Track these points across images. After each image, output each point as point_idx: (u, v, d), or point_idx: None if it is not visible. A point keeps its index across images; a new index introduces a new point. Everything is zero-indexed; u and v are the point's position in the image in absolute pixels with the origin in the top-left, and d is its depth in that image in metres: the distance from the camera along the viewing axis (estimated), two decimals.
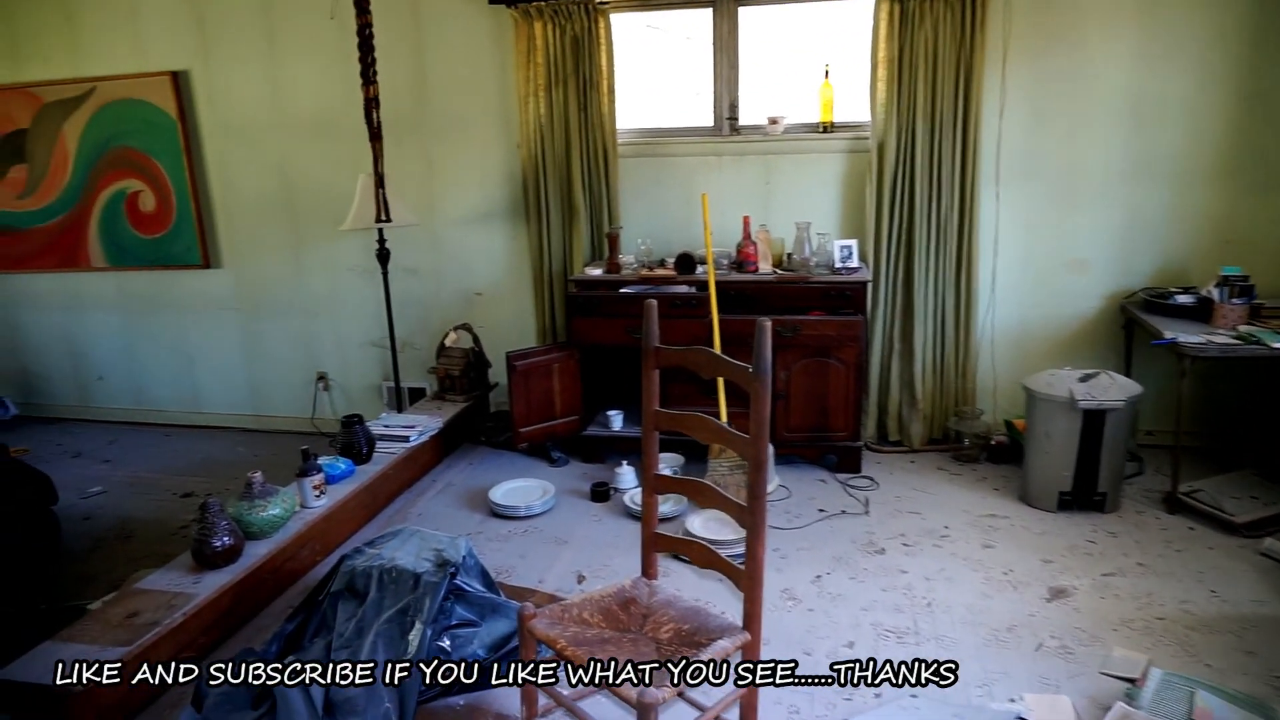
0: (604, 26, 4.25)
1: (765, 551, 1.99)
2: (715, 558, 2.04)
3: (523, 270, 4.75)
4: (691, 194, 4.39)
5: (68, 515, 4.17)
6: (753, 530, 1.90)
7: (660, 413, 2.13)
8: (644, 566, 2.23)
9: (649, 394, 2.14)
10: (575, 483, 4.07)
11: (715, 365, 1.99)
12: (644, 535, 2.21)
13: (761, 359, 1.83)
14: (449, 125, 4.68)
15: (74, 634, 2.52)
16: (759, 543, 1.91)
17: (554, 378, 4.20)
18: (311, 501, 3.33)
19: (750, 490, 1.89)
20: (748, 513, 1.91)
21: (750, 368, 1.86)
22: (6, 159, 5.35)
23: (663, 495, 2.78)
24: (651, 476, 2.18)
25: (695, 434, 2.05)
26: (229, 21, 4.80)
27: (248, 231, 5.13)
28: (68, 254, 5.42)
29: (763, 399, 1.84)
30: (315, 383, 5.27)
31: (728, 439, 1.96)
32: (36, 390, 5.86)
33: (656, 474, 2.19)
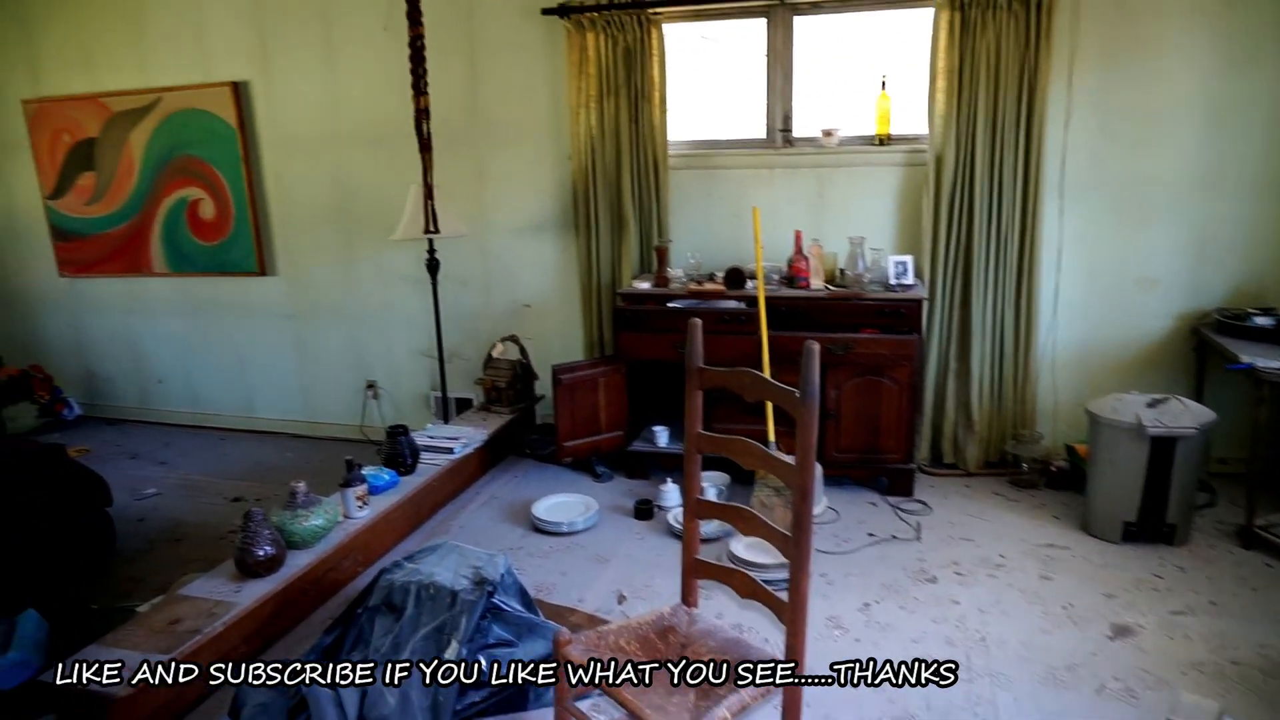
0: (656, 37, 4.21)
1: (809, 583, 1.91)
2: (757, 588, 1.97)
3: (571, 282, 4.73)
4: (742, 207, 4.32)
5: (122, 516, 4.25)
6: (796, 562, 1.82)
7: (703, 435, 2.07)
8: (684, 593, 2.17)
9: (692, 415, 2.08)
10: (619, 499, 4.01)
11: (760, 388, 1.91)
12: (684, 561, 2.15)
13: (809, 383, 1.75)
14: (501, 136, 4.68)
15: (119, 639, 2.54)
16: (803, 575, 1.83)
17: (599, 392, 4.16)
18: (354, 512, 3.33)
19: (795, 519, 1.82)
20: (791, 543, 1.83)
21: (797, 392, 1.78)
22: (77, 166, 5.52)
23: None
24: (693, 500, 2.12)
25: (739, 459, 1.98)
26: (288, 32, 4.88)
27: (302, 240, 5.21)
28: (132, 259, 5.56)
29: (809, 426, 1.76)
30: (365, 391, 5.31)
31: (772, 466, 1.89)
32: (100, 392, 6.02)
33: (698, 498, 2.12)
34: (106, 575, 3.74)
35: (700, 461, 2.13)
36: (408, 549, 3.53)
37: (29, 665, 2.93)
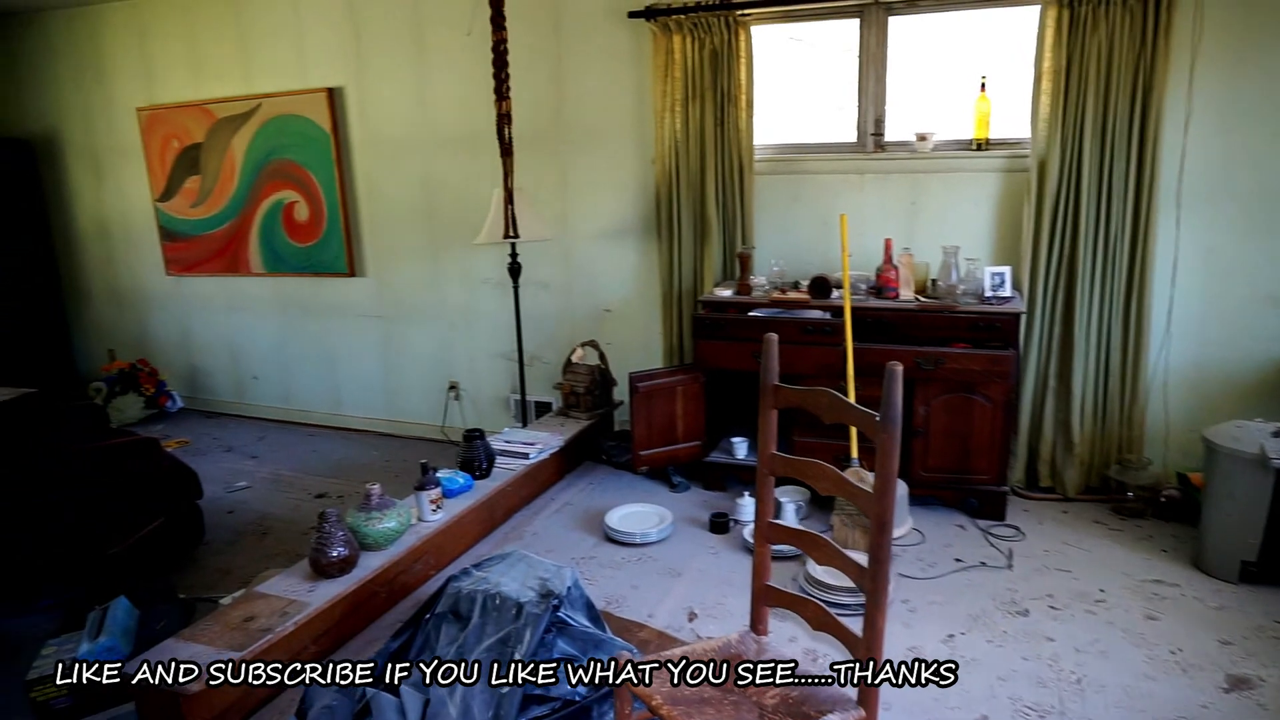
0: (744, 39, 4.11)
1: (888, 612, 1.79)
2: (830, 621, 1.85)
3: (652, 288, 4.66)
4: (830, 214, 4.18)
5: (214, 508, 4.39)
6: (873, 597, 1.71)
7: (777, 457, 1.96)
8: (753, 620, 2.07)
9: (766, 435, 1.98)
10: (694, 511, 3.92)
11: (838, 410, 1.80)
12: (754, 587, 2.05)
13: (890, 407, 1.63)
14: (585, 139, 4.66)
15: (195, 634, 2.59)
16: (879, 611, 1.71)
17: (677, 401, 4.08)
18: (428, 515, 3.34)
19: (872, 553, 1.70)
20: (868, 576, 1.71)
21: (878, 416, 1.66)
22: (184, 170, 5.76)
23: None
24: (765, 524, 2.01)
25: (814, 483, 1.87)
26: (382, 39, 4.97)
27: (390, 242, 5.30)
28: (231, 260, 5.77)
29: (890, 453, 1.64)
30: (447, 391, 5.37)
31: (850, 493, 1.77)
32: (201, 386, 6.28)
33: (771, 521, 2.02)
34: (196, 565, 3.86)
35: (773, 483, 2.03)
36: (480, 554, 3.52)
37: (117, 651, 3.03)
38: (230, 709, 2.47)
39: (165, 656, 2.47)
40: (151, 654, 2.50)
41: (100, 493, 3.59)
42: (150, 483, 3.75)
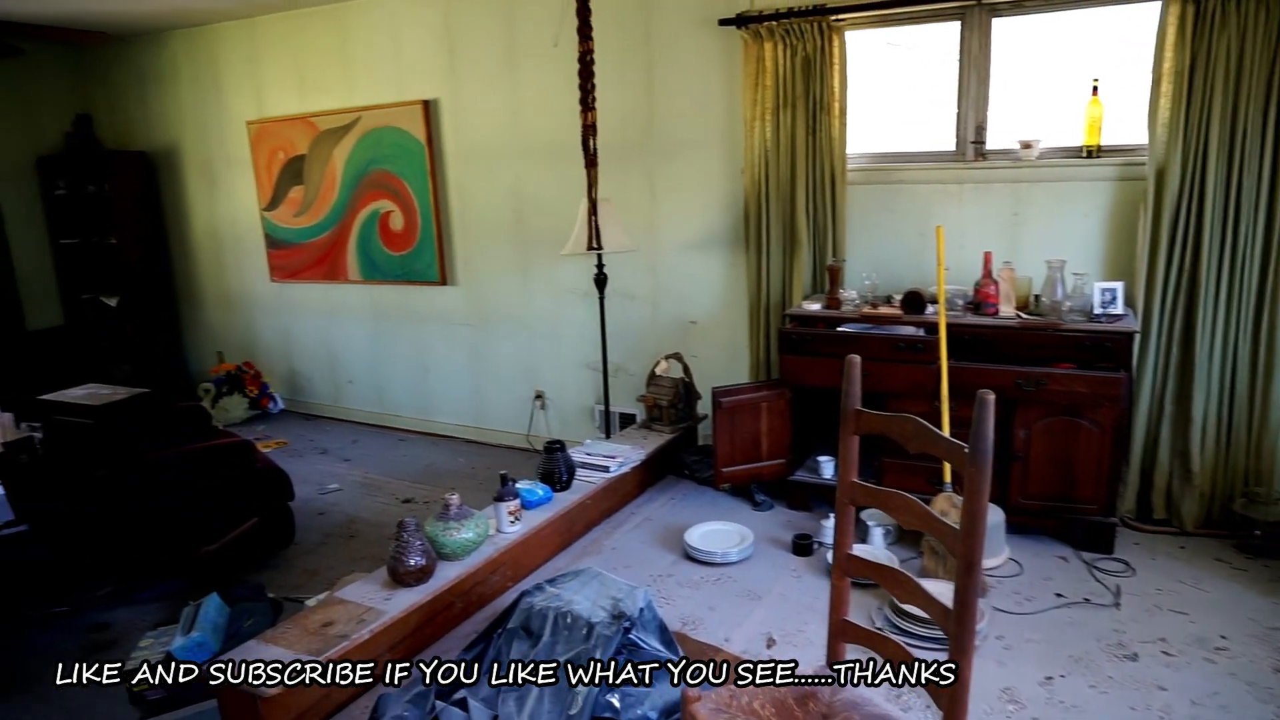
0: (838, 45, 3.99)
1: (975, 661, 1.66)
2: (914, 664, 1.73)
3: (739, 301, 4.57)
4: (926, 225, 4.00)
5: (305, 509, 4.52)
6: (957, 642, 1.58)
7: (858, 485, 1.86)
8: (830, 657, 1.96)
9: (846, 462, 1.87)
10: (777, 531, 3.81)
11: (924, 439, 1.69)
12: (831, 621, 1.94)
13: (981, 439, 1.51)
14: (673, 149, 4.61)
15: (276, 636, 2.64)
16: (965, 659, 1.58)
17: (762, 417, 3.97)
18: (506, 527, 3.33)
19: (959, 594, 1.58)
20: (953, 619, 1.59)
21: (967, 447, 1.54)
22: (289, 181, 5.98)
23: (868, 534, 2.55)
24: (843, 556, 1.91)
25: (896, 516, 1.76)
26: (476, 52, 5.05)
27: (480, 251, 5.37)
28: (331, 267, 5.95)
29: (979, 489, 1.52)
30: (533, 400, 5.39)
31: (936, 529, 1.65)
32: (300, 389, 6.50)
33: (850, 554, 1.91)
34: (285, 565, 3.98)
35: (853, 513, 1.92)
36: (557, 567, 3.50)
37: (207, 647, 3.13)
38: (306, 712, 2.50)
39: (246, 657, 2.52)
40: (234, 654, 2.56)
41: (199, 492, 3.73)
42: (245, 484, 3.88)
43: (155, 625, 3.44)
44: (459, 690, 2.50)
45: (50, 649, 3.37)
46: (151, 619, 3.53)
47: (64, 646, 3.38)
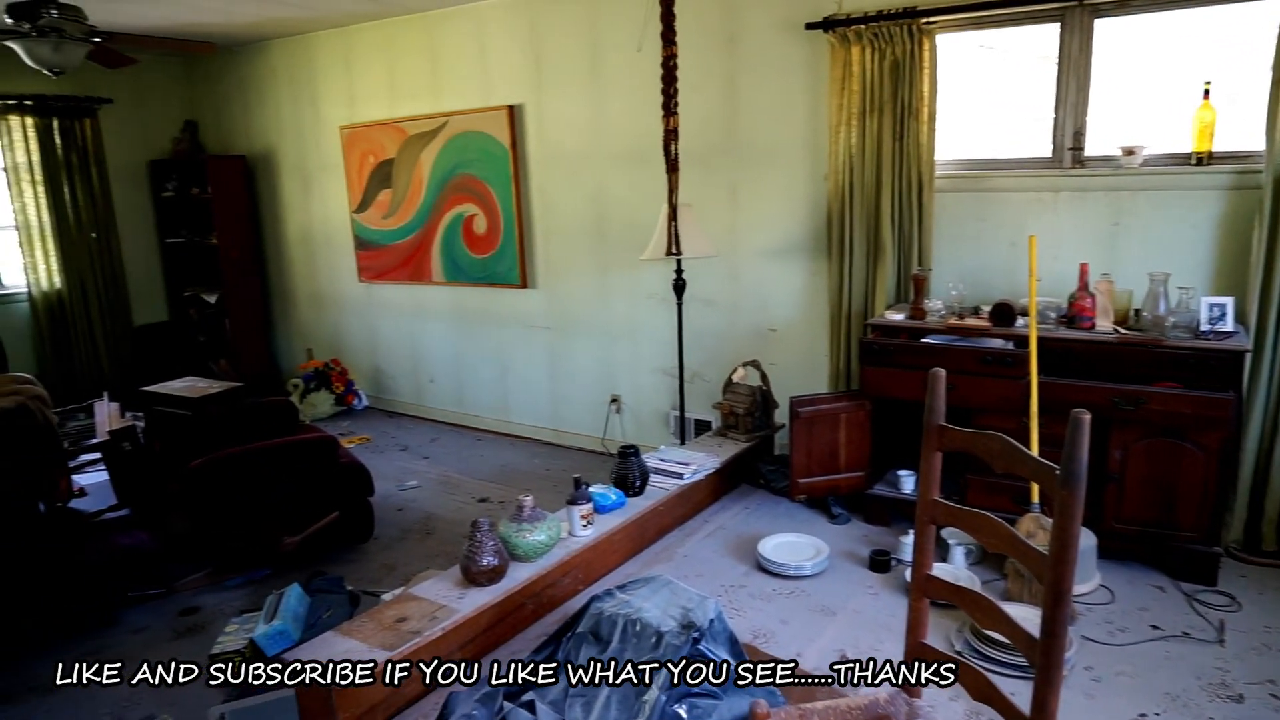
0: (928, 49, 3.88)
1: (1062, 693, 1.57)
2: (994, 693, 1.66)
3: (820, 309, 4.49)
4: (1018, 235, 3.86)
5: (385, 505, 4.63)
6: (1044, 674, 1.50)
7: (939, 504, 1.78)
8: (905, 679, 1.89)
9: (927, 480, 1.80)
10: (853, 545, 3.72)
11: (1012, 459, 1.61)
12: (908, 644, 1.87)
13: (1074, 462, 1.43)
14: (755, 155, 4.56)
15: (352, 629, 2.70)
16: (1052, 692, 1.50)
17: (841, 428, 3.88)
18: (578, 530, 3.34)
19: (1046, 625, 1.50)
20: (1040, 650, 1.51)
21: (1058, 469, 1.46)
22: (378, 184, 6.15)
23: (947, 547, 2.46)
24: (923, 577, 1.84)
25: (980, 538, 1.69)
26: (560, 57, 5.10)
27: (560, 255, 5.41)
28: (415, 269, 6.09)
29: (1071, 514, 1.44)
30: (609, 404, 5.40)
31: (1023, 554, 1.58)
32: (384, 387, 6.67)
33: (929, 575, 1.83)
34: (364, 559, 4.07)
35: (933, 532, 1.85)
36: (628, 573, 3.49)
37: (288, 636, 3.22)
38: (378, 706, 2.54)
39: (323, 649, 2.58)
40: (311, 646, 2.62)
41: (284, 485, 3.85)
42: (329, 478, 3.99)
43: (240, 611, 3.56)
44: (527, 692, 2.51)
45: (144, 630, 3.52)
46: (237, 605, 3.66)
47: (156, 628, 3.53)
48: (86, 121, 6.51)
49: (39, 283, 6.42)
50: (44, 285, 6.44)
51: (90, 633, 3.50)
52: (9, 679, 3.19)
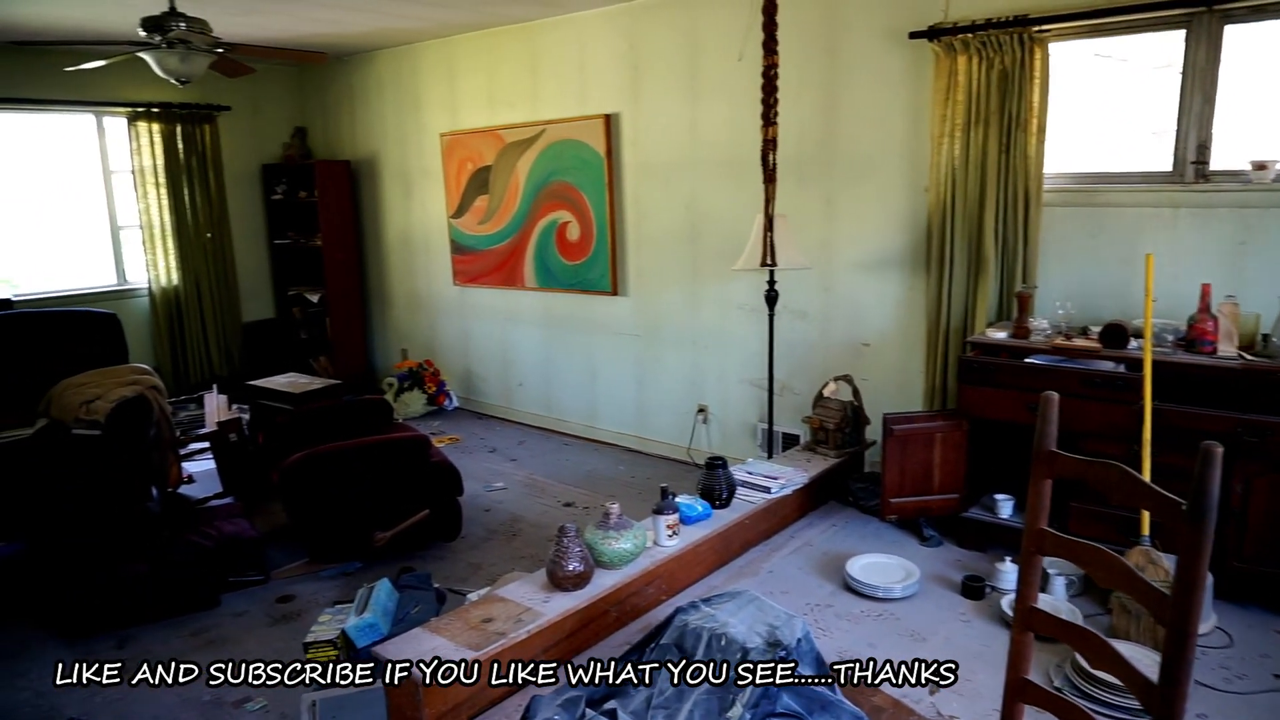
0: (1039, 58, 3.74)
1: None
2: None
3: (916, 325, 4.37)
4: (1133, 253, 3.67)
5: (473, 505, 4.71)
6: None
7: (1048, 534, 1.70)
8: (1005, 716, 1.80)
9: (1036, 508, 1.72)
10: (945, 569, 3.59)
11: (1132, 491, 1.52)
12: (1009, 680, 1.79)
13: (1205, 496, 1.35)
14: (852, 166, 4.48)
15: (439, 626, 2.75)
16: None
17: (935, 448, 3.76)
18: (664, 540, 3.32)
19: (1167, 669, 1.41)
20: (1158, 697, 1.42)
21: (1184, 504, 1.38)
22: (475, 190, 6.29)
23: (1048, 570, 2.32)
24: (1027, 609, 1.75)
25: (1094, 573, 1.60)
26: (658, 66, 5.12)
27: (651, 263, 5.42)
28: (509, 274, 6.20)
29: (1199, 552, 1.35)
30: (695, 414, 5.38)
31: (1139, 590, 1.49)
32: (475, 389, 6.80)
33: (1033, 607, 1.75)
34: (451, 557, 4.15)
35: (1040, 563, 1.77)
36: (712, 586, 3.45)
37: (377, 629, 3.31)
38: (463, 704, 2.58)
39: (412, 645, 2.63)
40: (400, 641, 2.68)
41: (378, 481, 3.96)
42: (420, 477, 4.08)
43: (334, 602, 3.67)
44: (610, 700, 2.51)
45: (244, 614, 3.67)
46: (330, 596, 3.78)
47: (254, 613, 3.67)
48: (206, 128, 6.87)
49: (158, 279, 6.78)
50: (163, 282, 6.80)
51: (195, 613, 3.66)
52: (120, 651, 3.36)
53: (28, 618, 3.67)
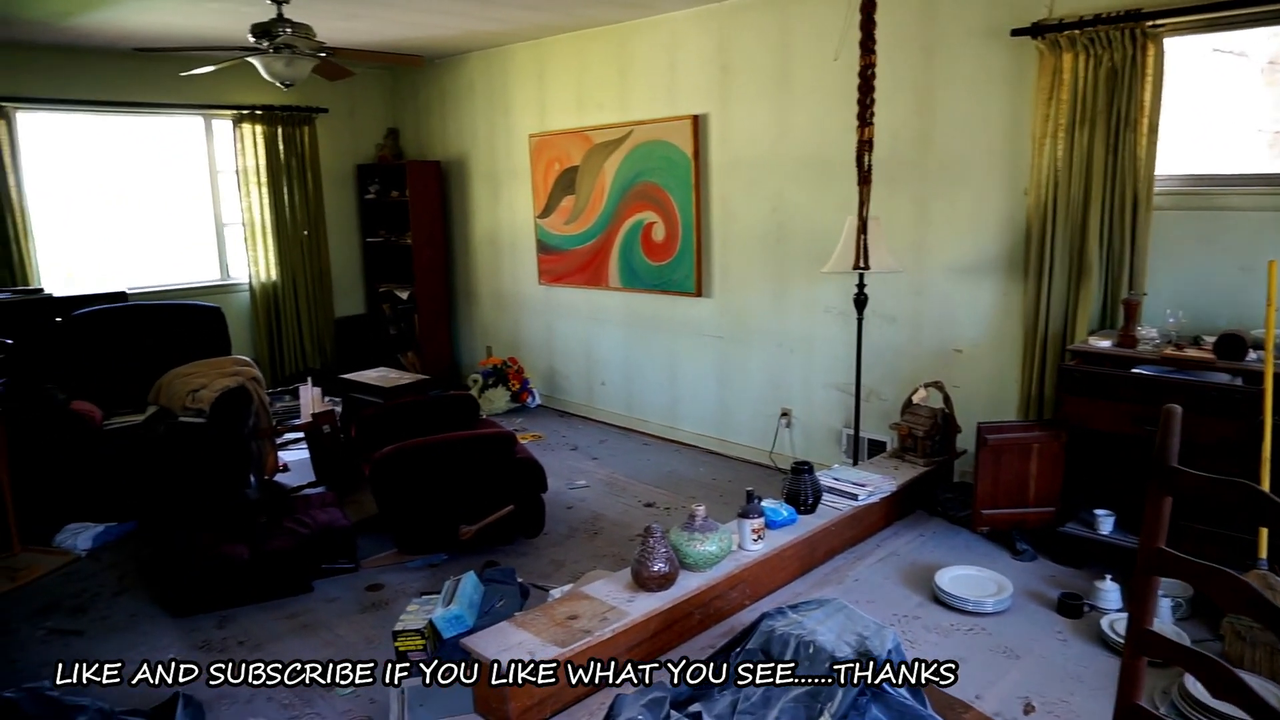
0: (1152, 54, 3.57)
1: None
2: None
3: (1011, 331, 4.23)
4: (1252, 259, 3.48)
5: (555, 502, 4.75)
6: None
7: (1167, 554, 1.62)
8: None
9: (1153, 526, 1.64)
10: (1039, 585, 3.47)
11: (1259, 510, 1.44)
12: (1119, 706, 1.71)
13: None
14: (947, 168, 4.36)
15: (525, 622, 2.79)
16: None
17: (1031, 459, 3.64)
18: (749, 544, 3.30)
19: None
20: None
21: None
22: (562, 190, 6.35)
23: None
24: (1142, 632, 1.67)
25: (1216, 595, 1.52)
26: (748, 67, 5.08)
27: (736, 264, 5.39)
28: (593, 274, 6.25)
29: None
30: (779, 418, 5.32)
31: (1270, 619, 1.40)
32: (558, 387, 6.88)
33: (1148, 630, 1.67)
34: (533, 553, 4.20)
35: (1156, 584, 1.68)
36: (796, 592, 3.41)
37: (463, 621, 3.37)
38: (547, 699, 2.61)
39: (499, 638, 2.68)
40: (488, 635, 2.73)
41: (465, 476, 4.04)
42: (505, 473, 4.14)
43: (421, 593, 3.75)
44: (694, 704, 2.50)
45: (335, 600, 3.78)
46: (418, 586, 3.87)
47: (345, 600, 3.78)
48: (305, 129, 7.12)
49: (258, 275, 7.06)
50: (262, 277, 7.08)
51: (290, 597, 3.79)
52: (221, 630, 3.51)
53: (141, 592, 3.87)
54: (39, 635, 3.52)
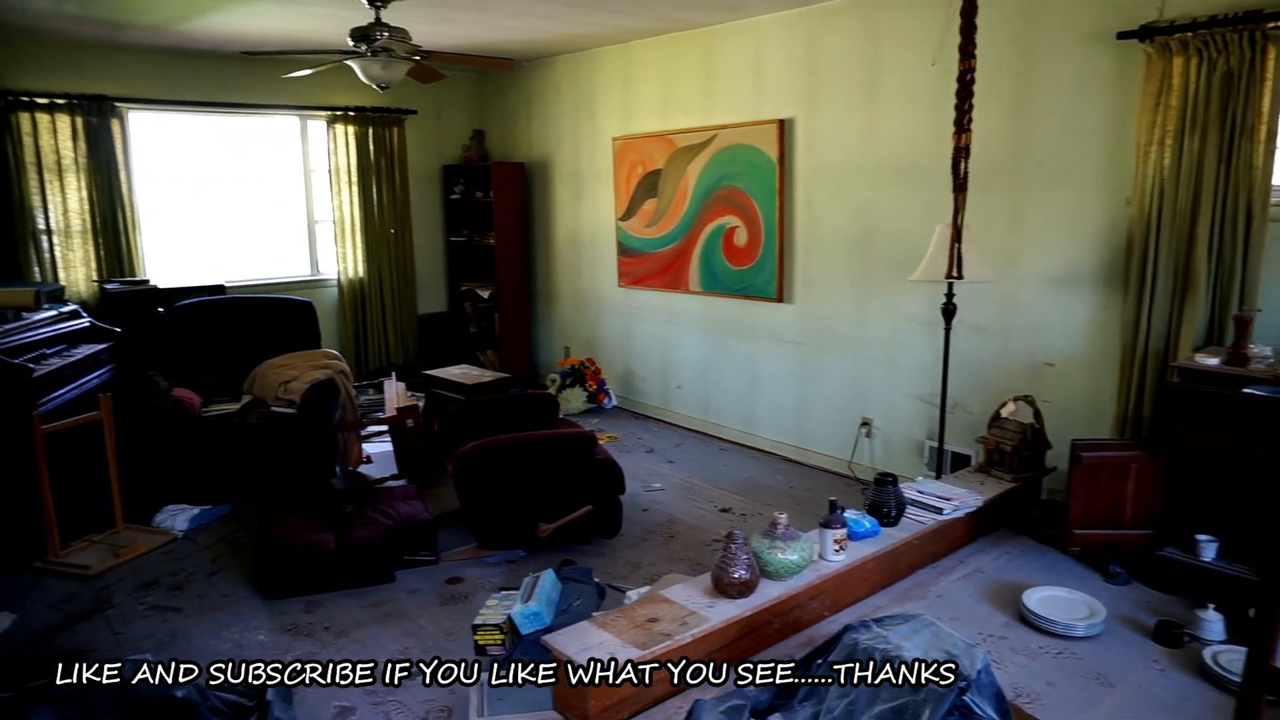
0: (1273, 57, 3.40)
1: None
2: None
3: (1108, 346, 4.08)
4: None
5: (631, 504, 4.77)
6: None
7: None
8: None
9: None
10: (1133, 611, 3.33)
11: None
12: None
13: None
14: (1042, 175, 4.23)
15: (605, 622, 2.80)
16: None
17: (1129, 480, 3.50)
18: (830, 555, 3.25)
19: None
20: None
21: None
22: (644, 193, 6.38)
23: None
24: (1266, 668, 1.59)
25: None
26: (837, 71, 5.02)
27: (820, 270, 5.32)
28: (673, 277, 6.25)
29: None
30: (859, 427, 5.24)
31: None
32: (633, 389, 6.90)
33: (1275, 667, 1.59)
34: (610, 553, 4.22)
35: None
36: (877, 606, 3.35)
37: (541, 619, 3.40)
38: (626, 700, 2.62)
39: (579, 637, 2.70)
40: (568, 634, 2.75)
41: (545, 474, 4.08)
42: (585, 473, 4.17)
43: (500, 589, 3.81)
44: (773, 714, 2.48)
45: (416, 592, 3.86)
46: (496, 581, 3.92)
47: (425, 592, 3.86)
48: (394, 130, 7.31)
49: (346, 271, 7.28)
50: (350, 274, 7.29)
51: (373, 586, 3.89)
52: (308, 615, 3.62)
53: (233, 573, 4.02)
54: (140, 610, 3.69)
